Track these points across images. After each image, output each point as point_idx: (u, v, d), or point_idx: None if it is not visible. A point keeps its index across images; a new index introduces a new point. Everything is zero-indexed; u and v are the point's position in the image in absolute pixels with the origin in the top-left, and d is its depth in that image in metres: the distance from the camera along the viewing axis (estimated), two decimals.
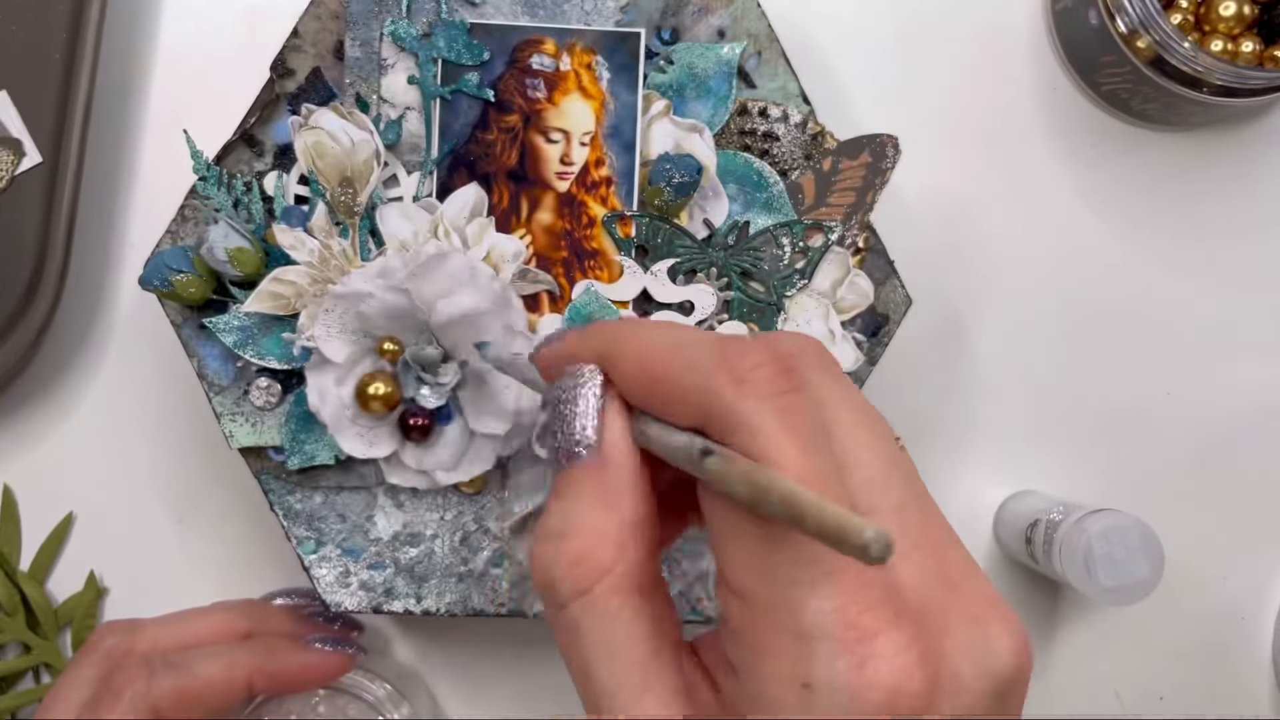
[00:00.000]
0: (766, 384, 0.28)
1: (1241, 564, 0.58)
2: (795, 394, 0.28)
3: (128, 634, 0.46)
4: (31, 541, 0.54)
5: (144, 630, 0.46)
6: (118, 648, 0.45)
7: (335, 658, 0.48)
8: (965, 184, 0.57)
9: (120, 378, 0.55)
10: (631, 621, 0.29)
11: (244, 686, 0.45)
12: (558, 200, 0.47)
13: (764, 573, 0.27)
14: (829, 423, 0.28)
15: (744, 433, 0.27)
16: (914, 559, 0.27)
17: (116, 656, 0.45)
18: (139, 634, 0.46)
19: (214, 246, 0.45)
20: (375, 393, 0.43)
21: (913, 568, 0.27)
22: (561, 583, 0.29)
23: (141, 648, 0.45)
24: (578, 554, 0.29)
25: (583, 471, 0.30)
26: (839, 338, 0.47)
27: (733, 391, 0.27)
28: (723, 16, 0.48)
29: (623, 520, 0.29)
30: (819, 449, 0.27)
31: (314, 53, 0.47)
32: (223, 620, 0.47)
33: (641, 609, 0.29)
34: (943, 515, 0.29)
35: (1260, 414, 0.58)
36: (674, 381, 0.29)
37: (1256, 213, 0.58)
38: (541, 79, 0.47)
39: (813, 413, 0.28)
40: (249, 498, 0.54)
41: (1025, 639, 0.28)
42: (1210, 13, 0.54)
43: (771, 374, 0.28)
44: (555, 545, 0.29)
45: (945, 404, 0.57)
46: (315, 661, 0.47)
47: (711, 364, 0.28)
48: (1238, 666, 0.58)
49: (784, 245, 0.47)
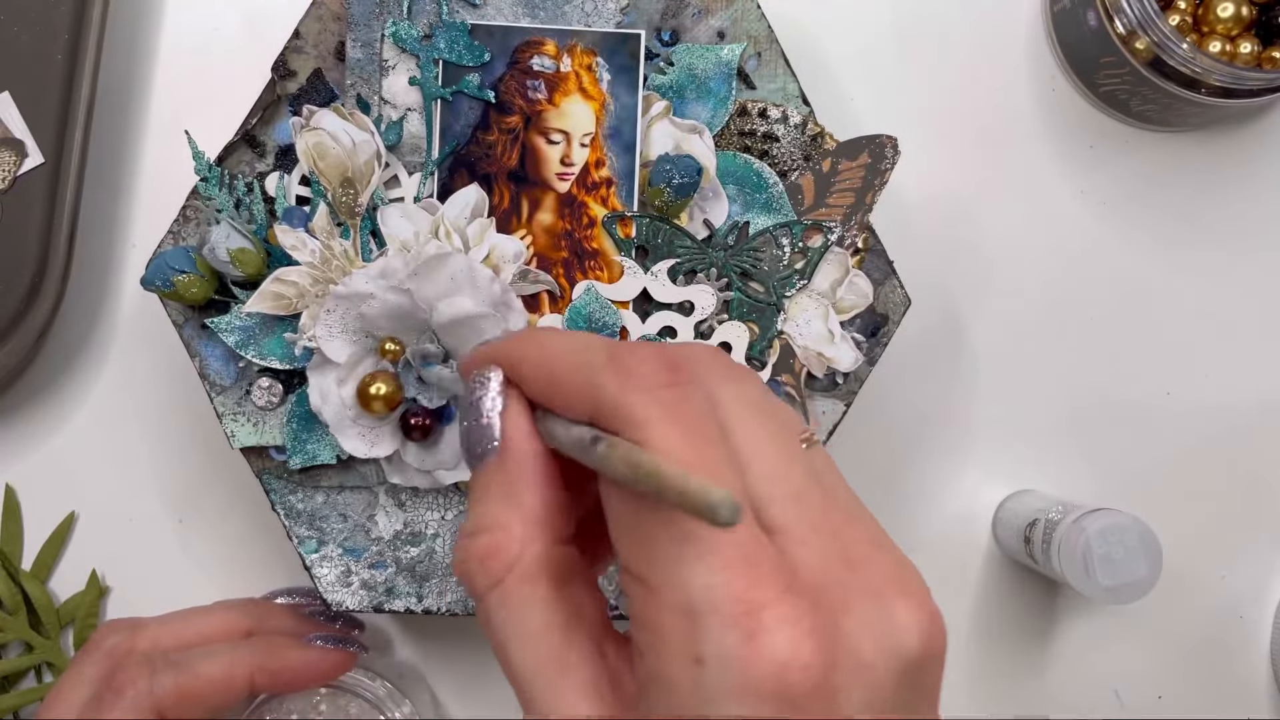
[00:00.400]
0: (651, 378, 0.29)
1: (1240, 563, 0.58)
2: (679, 387, 0.29)
3: (129, 633, 0.46)
4: (33, 541, 0.55)
5: (145, 629, 0.46)
6: (119, 646, 0.45)
7: (336, 655, 0.48)
8: (964, 185, 0.57)
9: (122, 378, 0.55)
10: (544, 608, 0.30)
11: (246, 685, 0.45)
12: (558, 201, 0.47)
13: (653, 553, 0.27)
14: (724, 418, 0.29)
15: (629, 424, 0.28)
16: (811, 542, 0.28)
17: (118, 655, 0.45)
18: (140, 633, 0.46)
19: (216, 247, 0.45)
20: (377, 393, 0.43)
21: (809, 550, 0.27)
22: (475, 576, 0.30)
23: (143, 646, 0.45)
24: (487, 548, 0.30)
25: (488, 470, 0.32)
26: (838, 338, 0.48)
27: (618, 384, 0.29)
28: (722, 18, 0.48)
29: (526, 513, 0.31)
30: (707, 439, 0.28)
31: (315, 54, 0.47)
32: (224, 619, 0.48)
33: (553, 597, 0.30)
34: (855, 499, 0.30)
35: (1260, 413, 0.58)
36: (568, 379, 0.30)
37: (1255, 213, 0.58)
38: (542, 80, 0.47)
39: (700, 405, 0.29)
40: (250, 497, 0.54)
41: (935, 614, 0.28)
42: (1208, 14, 0.54)
43: (656, 368, 0.29)
44: (469, 541, 0.31)
45: (945, 404, 0.57)
46: (316, 659, 0.47)
47: (602, 361, 0.29)
48: (1236, 666, 0.58)
49: (783, 246, 0.48)
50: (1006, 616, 0.57)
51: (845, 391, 0.49)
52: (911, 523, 0.56)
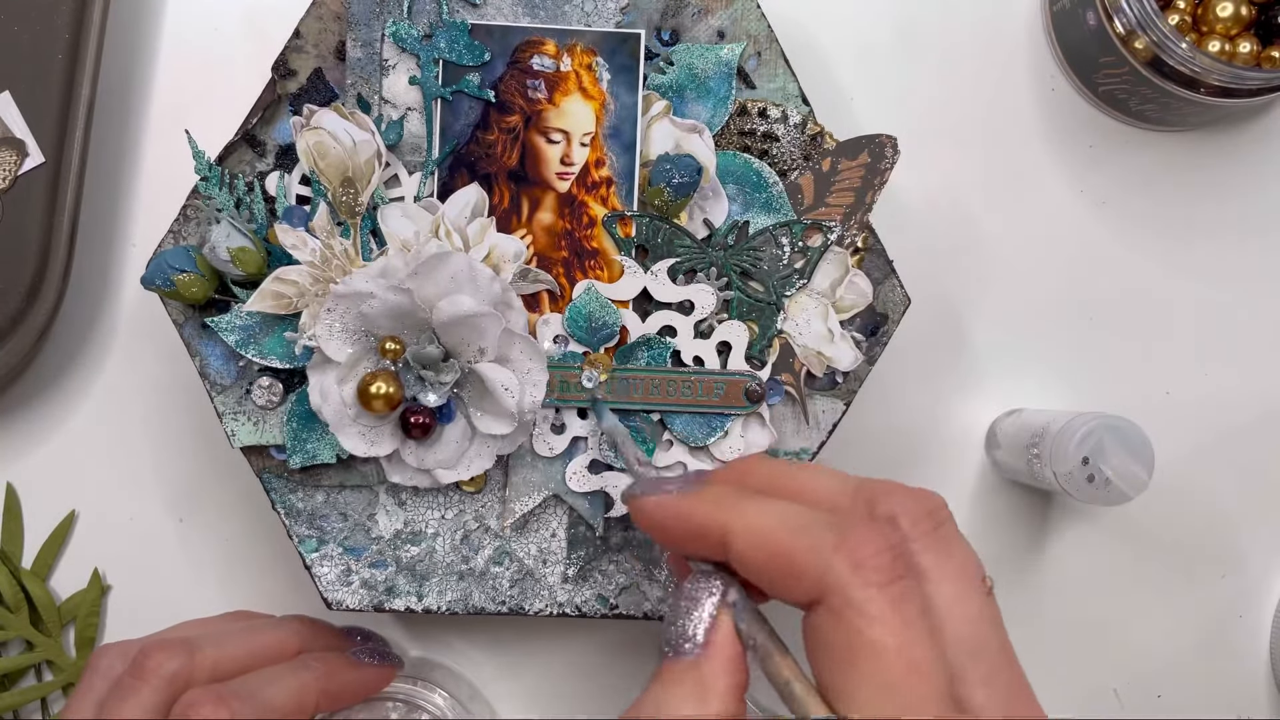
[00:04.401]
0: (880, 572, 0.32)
1: (1240, 563, 0.58)
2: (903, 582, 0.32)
3: (186, 657, 0.42)
4: (34, 539, 0.55)
5: (202, 652, 0.43)
6: (179, 675, 0.42)
7: (385, 671, 0.48)
8: (964, 184, 0.57)
9: (123, 377, 0.55)
10: None
11: (314, 709, 0.44)
12: (558, 200, 0.47)
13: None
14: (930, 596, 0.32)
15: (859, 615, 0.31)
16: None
17: (179, 684, 0.41)
18: (198, 656, 0.42)
19: (216, 246, 0.45)
20: (377, 392, 0.43)
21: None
22: None
23: (202, 673, 0.42)
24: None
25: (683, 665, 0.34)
26: (838, 337, 0.48)
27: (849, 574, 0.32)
28: (722, 17, 0.48)
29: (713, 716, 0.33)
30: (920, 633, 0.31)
31: (315, 53, 0.47)
32: (276, 639, 0.45)
33: None
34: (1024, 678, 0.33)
35: (1259, 413, 0.58)
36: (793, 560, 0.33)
37: (1255, 213, 0.58)
38: (542, 80, 0.47)
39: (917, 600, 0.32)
40: (251, 496, 0.54)
41: None
42: (1207, 13, 0.54)
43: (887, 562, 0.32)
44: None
45: (944, 403, 0.57)
46: (371, 677, 0.47)
47: (831, 547, 0.32)
48: (1236, 666, 0.58)
49: (783, 245, 0.48)
50: None
51: (845, 391, 0.49)
52: None
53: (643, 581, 0.49)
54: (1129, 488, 0.49)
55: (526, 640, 0.56)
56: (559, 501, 0.48)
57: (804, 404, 0.48)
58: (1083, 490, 0.49)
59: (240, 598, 0.55)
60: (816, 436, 0.49)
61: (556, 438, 0.47)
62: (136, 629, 0.55)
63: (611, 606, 0.49)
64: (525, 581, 0.48)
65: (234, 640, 0.44)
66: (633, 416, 0.47)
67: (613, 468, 0.47)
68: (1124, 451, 0.49)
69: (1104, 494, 0.49)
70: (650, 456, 0.47)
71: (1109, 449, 0.49)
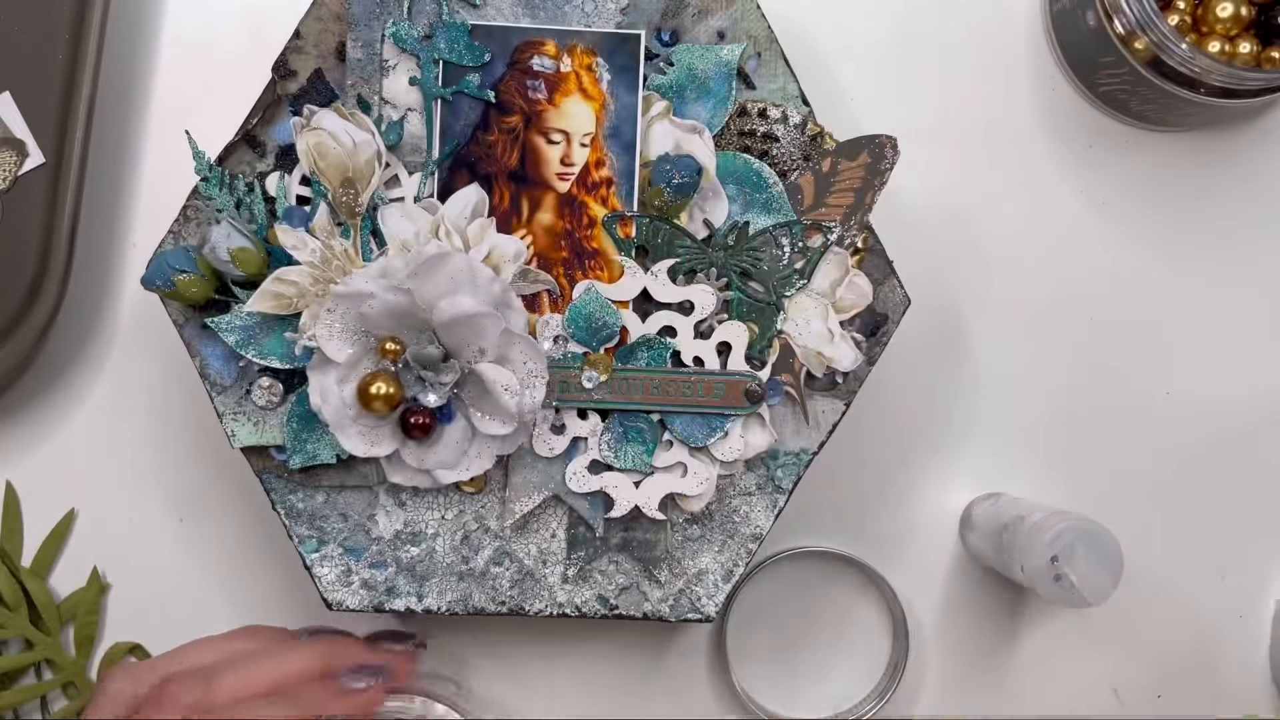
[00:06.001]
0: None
1: (1240, 563, 0.58)
2: None
3: (204, 688, 0.41)
4: (34, 538, 0.55)
5: (221, 681, 0.41)
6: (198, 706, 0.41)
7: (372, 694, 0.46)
8: (964, 185, 0.57)
9: (123, 377, 0.55)
10: None
11: None
12: (558, 201, 0.47)
13: None
14: None
15: None
16: None
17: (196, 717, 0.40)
18: (217, 686, 0.41)
19: (216, 246, 0.45)
20: (377, 392, 0.43)
21: None
22: None
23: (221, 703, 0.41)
24: None
25: None
26: (838, 337, 0.48)
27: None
28: (722, 18, 0.48)
29: None
30: None
31: (316, 54, 0.47)
32: (298, 664, 0.44)
33: None
34: None
35: (1259, 413, 0.58)
36: None
37: (1254, 213, 0.58)
38: (542, 80, 0.47)
39: None
40: (251, 497, 0.54)
41: None
42: (1207, 14, 0.54)
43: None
44: None
45: (944, 403, 0.57)
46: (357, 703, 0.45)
47: None
48: (1235, 665, 0.58)
49: (783, 245, 0.48)
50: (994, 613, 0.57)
51: (845, 391, 0.49)
52: (911, 520, 0.56)
53: (643, 581, 0.49)
54: (1092, 595, 0.49)
55: (526, 640, 0.56)
56: (559, 502, 0.48)
57: (804, 404, 0.48)
58: (1049, 589, 0.49)
59: (240, 598, 0.55)
60: (816, 436, 0.49)
61: (556, 438, 0.47)
62: (136, 628, 0.55)
63: (611, 607, 0.49)
64: (525, 582, 0.48)
65: (254, 667, 0.43)
66: (633, 416, 0.47)
67: (613, 468, 0.47)
68: (1094, 558, 0.49)
69: (1068, 595, 0.49)
70: (650, 456, 0.47)
71: (1079, 554, 0.49)
